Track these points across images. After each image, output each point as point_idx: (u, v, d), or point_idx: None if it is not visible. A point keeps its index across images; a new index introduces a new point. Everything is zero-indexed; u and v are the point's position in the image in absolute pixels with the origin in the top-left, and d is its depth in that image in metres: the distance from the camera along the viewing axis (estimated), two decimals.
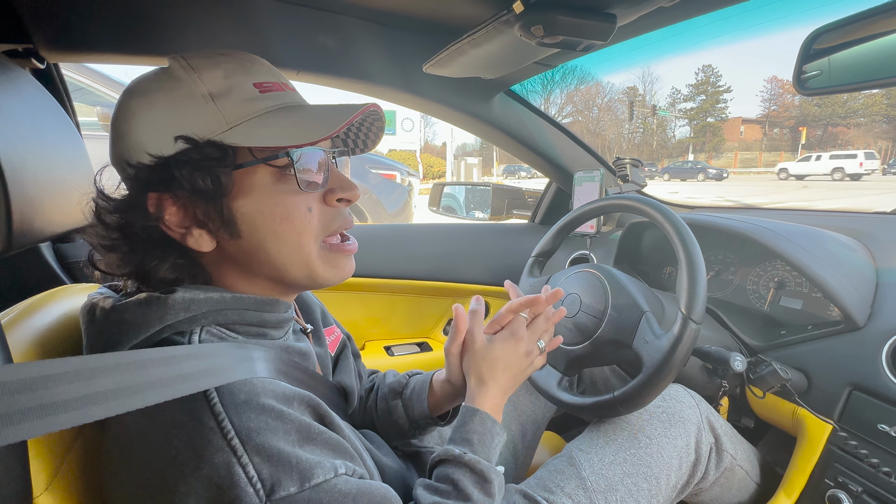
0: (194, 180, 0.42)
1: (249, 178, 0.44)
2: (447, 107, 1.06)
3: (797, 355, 0.77)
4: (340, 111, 0.45)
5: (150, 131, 0.42)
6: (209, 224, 0.44)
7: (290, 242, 0.46)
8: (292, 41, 0.83)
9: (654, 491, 0.68)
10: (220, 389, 0.37)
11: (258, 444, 0.36)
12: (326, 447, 0.41)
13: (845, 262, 0.78)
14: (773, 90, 61.16)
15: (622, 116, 59.94)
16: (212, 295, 0.44)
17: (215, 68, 0.44)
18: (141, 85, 0.44)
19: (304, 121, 0.44)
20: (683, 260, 0.65)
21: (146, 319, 0.41)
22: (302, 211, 0.46)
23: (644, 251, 1.14)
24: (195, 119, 0.42)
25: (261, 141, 0.42)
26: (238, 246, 0.45)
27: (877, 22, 0.58)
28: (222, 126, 0.42)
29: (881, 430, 0.65)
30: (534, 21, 0.60)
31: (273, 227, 0.45)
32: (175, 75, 0.43)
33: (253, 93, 0.45)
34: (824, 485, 0.71)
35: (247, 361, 0.41)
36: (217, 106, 0.43)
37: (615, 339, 0.70)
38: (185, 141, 0.42)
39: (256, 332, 0.48)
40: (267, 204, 0.45)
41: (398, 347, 1.33)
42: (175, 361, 0.36)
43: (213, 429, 0.36)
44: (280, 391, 0.40)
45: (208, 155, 0.42)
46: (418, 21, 0.86)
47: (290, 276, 0.48)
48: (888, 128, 55.32)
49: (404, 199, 3.78)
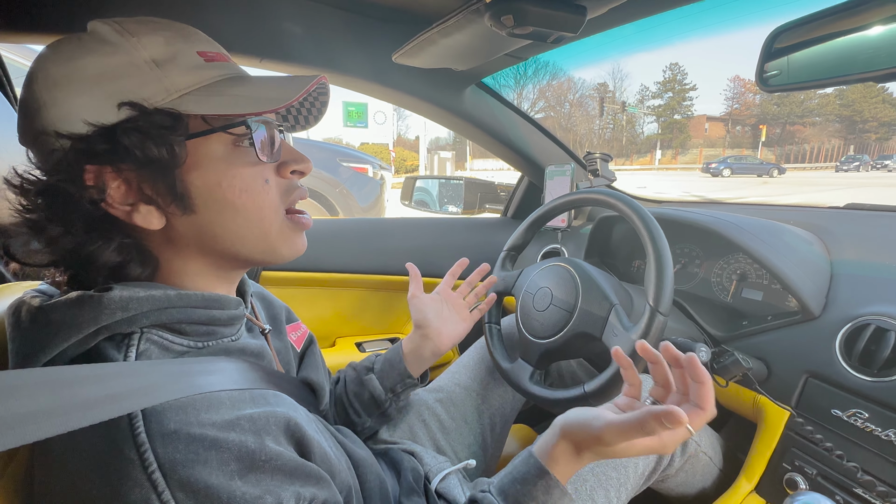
0: (146, 149, 0.38)
1: (203, 148, 0.41)
2: (417, 98, 1.04)
3: (758, 345, 0.79)
4: (293, 81, 0.43)
5: (85, 99, 0.38)
6: (158, 199, 0.41)
7: (250, 216, 0.44)
8: (255, 27, 0.80)
9: (622, 479, 0.69)
10: (149, 417, 0.33)
11: (183, 477, 0.32)
12: (279, 474, 0.37)
13: (802, 255, 0.81)
14: (735, 89, 63.48)
15: (593, 112, 61.02)
16: (153, 293, 0.40)
17: (153, 34, 0.41)
18: (61, 50, 0.40)
19: (258, 89, 0.42)
20: (651, 253, 0.66)
21: (77, 320, 0.37)
22: (260, 183, 0.44)
23: (614, 245, 1.16)
24: (139, 86, 0.39)
25: (216, 108, 0.40)
26: (190, 222, 0.42)
27: (834, 22, 0.60)
28: (170, 94, 0.40)
29: (834, 415, 0.68)
30: (504, 11, 0.59)
31: (232, 199, 0.43)
32: (107, 39, 0.40)
33: (198, 61, 0.42)
34: (782, 468, 0.74)
35: (185, 377, 0.37)
36: (162, 72, 0.40)
37: (585, 333, 0.71)
38: (132, 108, 0.38)
39: (205, 331, 0.44)
40: (225, 176, 0.42)
41: (370, 343, 1.31)
42: (105, 379, 0.32)
43: (132, 461, 0.32)
44: (221, 417, 0.36)
45: (159, 122, 0.39)
46: (387, 9, 0.84)
47: (246, 251, 0.46)
48: (840, 127, 58.29)
49: (376, 194, 3.73)
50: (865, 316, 0.68)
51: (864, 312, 0.69)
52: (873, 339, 0.66)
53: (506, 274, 0.90)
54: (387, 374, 0.69)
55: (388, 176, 3.99)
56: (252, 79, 0.44)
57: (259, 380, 0.45)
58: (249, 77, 0.45)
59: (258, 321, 0.56)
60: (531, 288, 0.81)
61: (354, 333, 1.34)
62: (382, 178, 3.85)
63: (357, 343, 1.30)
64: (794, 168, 48.57)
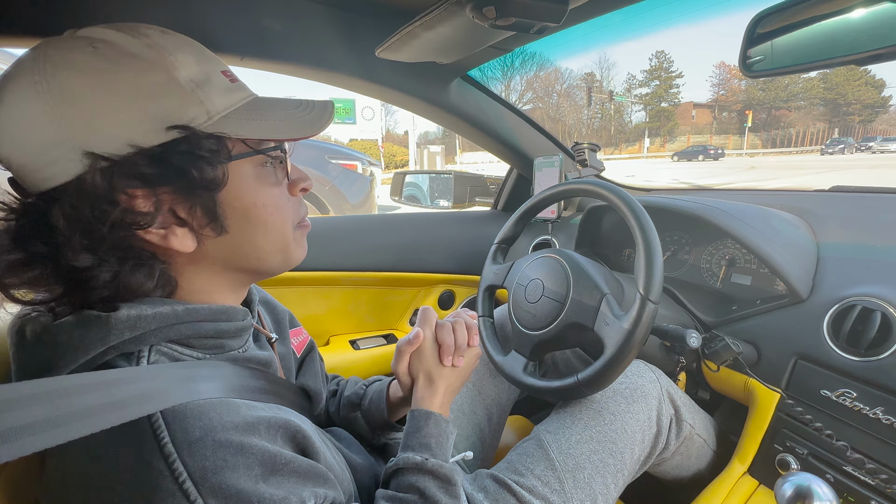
0: (201, 173, 0.38)
1: (239, 170, 0.42)
2: (403, 93, 1.03)
3: (747, 329, 0.80)
4: (310, 106, 0.46)
5: (120, 119, 0.36)
6: (192, 222, 0.40)
7: (276, 232, 0.46)
8: (235, 24, 0.78)
9: (619, 465, 0.70)
10: (172, 427, 0.33)
11: (214, 484, 0.33)
12: (295, 476, 0.38)
13: (789, 239, 0.82)
14: (721, 75, 63.84)
15: (581, 102, 61.10)
16: (161, 310, 0.39)
17: (183, 52, 0.39)
18: (81, 60, 0.36)
19: (288, 114, 0.44)
20: (640, 242, 0.66)
21: (85, 342, 0.36)
22: (284, 201, 0.47)
23: (604, 234, 1.17)
24: (182, 107, 0.38)
25: (260, 133, 0.41)
26: (221, 242, 0.43)
27: (816, 6, 0.60)
28: (210, 116, 0.39)
29: (823, 395, 0.69)
30: (485, 2, 0.58)
31: (265, 218, 0.44)
32: (137, 54, 0.37)
33: (226, 82, 0.42)
34: (774, 450, 0.75)
35: (188, 382, 0.37)
36: (203, 94, 0.39)
37: (577, 323, 0.71)
38: (183, 130, 0.37)
39: (213, 344, 0.44)
40: (259, 195, 0.44)
41: (364, 341, 1.30)
42: (105, 387, 0.31)
43: (162, 472, 0.32)
44: (241, 420, 0.37)
45: (207, 146, 0.39)
46: (370, 2, 0.83)
47: (266, 264, 0.47)
48: (825, 110, 58.90)
49: (366, 190, 3.72)
50: (851, 297, 0.69)
51: (850, 294, 0.70)
52: (860, 320, 0.67)
53: (497, 267, 0.90)
54: (372, 414, 0.67)
55: (377, 172, 3.97)
56: (273, 101, 0.45)
57: (260, 389, 0.46)
58: (269, 99, 0.46)
59: (265, 330, 0.57)
60: (522, 280, 0.82)
61: (348, 331, 1.34)
62: (372, 174, 3.84)
63: (351, 341, 1.29)
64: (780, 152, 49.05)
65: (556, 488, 0.65)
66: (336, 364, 1.19)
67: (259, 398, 0.43)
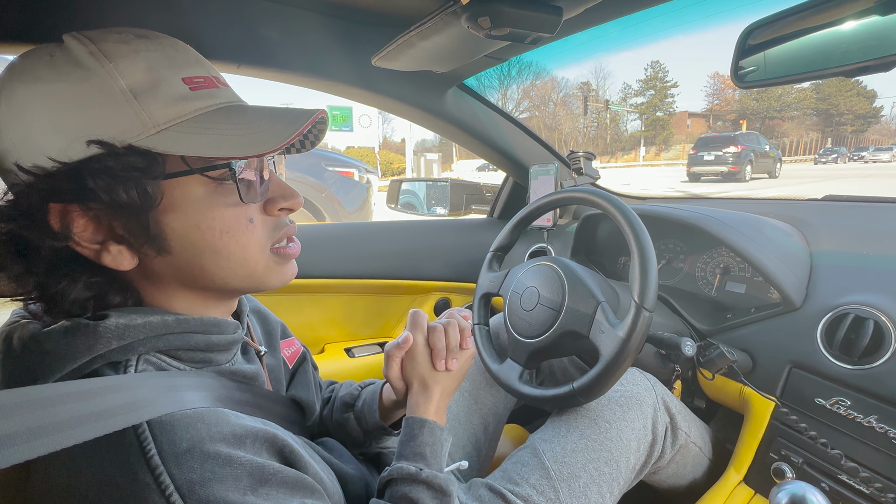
0: (114, 192, 0.35)
1: (181, 188, 0.38)
2: (399, 101, 1.03)
3: (742, 337, 0.80)
4: (286, 117, 0.40)
5: (50, 131, 0.35)
6: (130, 239, 0.38)
7: (232, 257, 0.42)
8: (232, 31, 0.78)
9: (614, 474, 0.69)
10: (159, 439, 0.33)
11: (202, 497, 0.32)
12: (283, 487, 0.38)
13: (783, 247, 0.82)
14: (715, 85, 64.51)
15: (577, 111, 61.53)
16: (151, 319, 0.39)
17: (134, 57, 0.37)
18: (32, 69, 0.36)
19: (246, 127, 0.39)
20: (635, 250, 0.66)
21: (72, 350, 0.36)
22: (243, 223, 0.42)
23: (599, 242, 1.17)
24: (112, 120, 0.36)
25: (196, 150, 0.37)
26: (167, 262, 0.40)
27: (808, 17, 0.61)
28: (147, 129, 0.36)
29: (818, 403, 0.69)
30: (480, 12, 0.59)
31: (212, 242, 0.40)
32: (80, 62, 0.36)
33: (182, 90, 0.38)
34: (769, 458, 0.75)
35: (172, 392, 0.36)
36: (140, 105, 0.36)
37: (573, 331, 0.71)
38: (101, 146, 0.35)
39: (201, 357, 0.43)
40: (204, 218, 0.39)
41: (359, 348, 1.30)
42: (89, 396, 0.31)
43: (148, 485, 0.31)
44: (230, 431, 0.36)
45: (131, 163, 0.36)
46: (366, 12, 0.83)
47: (231, 286, 0.44)
48: (818, 120, 59.52)
49: (363, 197, 3.72)
50: (845, 305, 0.70)
51: (843, 302, 0.70)
52: (853, 328, 0.67)
53: (493, 275, 0.90)
54: (365, 417, 0.66)
55: (374, 179, 3.97)
56: (242, 111, 0.41)
57: (245, 402, 0.45)
58: (240, 107, 0.42)
59: (254, 343, 0.56)
60: (518, 288, 0.82)
61: (343, 339, 1.33)
62: (369, 181, 3.84)
63: (346, 349, 1.29)
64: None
65: (551, 497, 0.65)
66: (331, 372, 1.19)
67: (245, 411, 0.43)
